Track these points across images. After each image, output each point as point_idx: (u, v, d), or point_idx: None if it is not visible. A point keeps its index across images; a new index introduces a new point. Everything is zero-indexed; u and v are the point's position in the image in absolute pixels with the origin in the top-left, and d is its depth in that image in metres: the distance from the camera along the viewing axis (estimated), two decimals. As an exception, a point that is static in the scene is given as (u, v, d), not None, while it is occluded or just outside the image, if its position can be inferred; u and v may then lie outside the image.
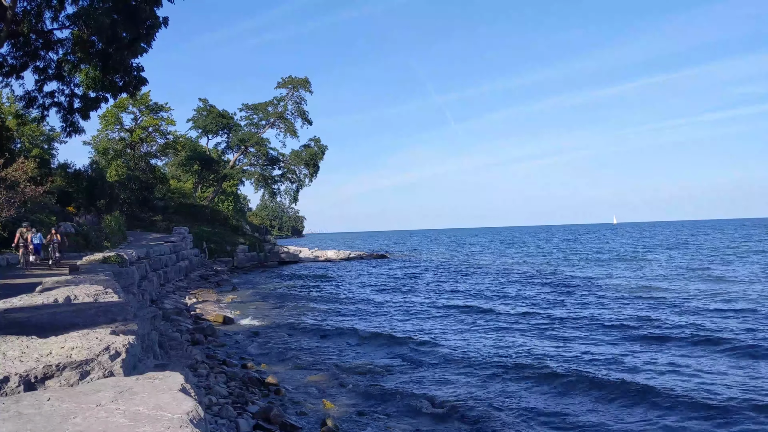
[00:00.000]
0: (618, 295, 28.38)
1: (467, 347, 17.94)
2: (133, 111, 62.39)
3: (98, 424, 3.15)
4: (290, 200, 78.39)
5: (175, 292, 31.77)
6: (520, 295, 30.34)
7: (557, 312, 23.92)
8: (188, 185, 75.48)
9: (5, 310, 7.44)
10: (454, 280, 40.04)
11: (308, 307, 28.76)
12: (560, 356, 16.23)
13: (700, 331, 18.61)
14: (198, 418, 3.32)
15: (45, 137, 57.01)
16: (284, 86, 73.71)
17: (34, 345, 4.90)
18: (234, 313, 26.05)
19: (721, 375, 13.77)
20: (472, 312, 25.08)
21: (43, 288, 9.89)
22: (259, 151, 73.86)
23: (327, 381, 14.45)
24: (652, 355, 15.98)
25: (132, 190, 55.16)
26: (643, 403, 11.96)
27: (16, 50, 21.70)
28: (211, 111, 73.40)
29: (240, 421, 10.27)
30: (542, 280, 37.92)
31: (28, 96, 22.80)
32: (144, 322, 8.05)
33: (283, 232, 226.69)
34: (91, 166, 51.47)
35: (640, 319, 21.32)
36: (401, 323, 23.16)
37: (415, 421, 11.51)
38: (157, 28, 20.58)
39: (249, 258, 58.40)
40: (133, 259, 22.79)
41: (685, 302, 25.17)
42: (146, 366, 5.83)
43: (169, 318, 21.48)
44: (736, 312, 22.02)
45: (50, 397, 3.67)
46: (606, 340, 18.30)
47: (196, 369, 13.63)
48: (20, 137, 46.05)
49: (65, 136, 23.88)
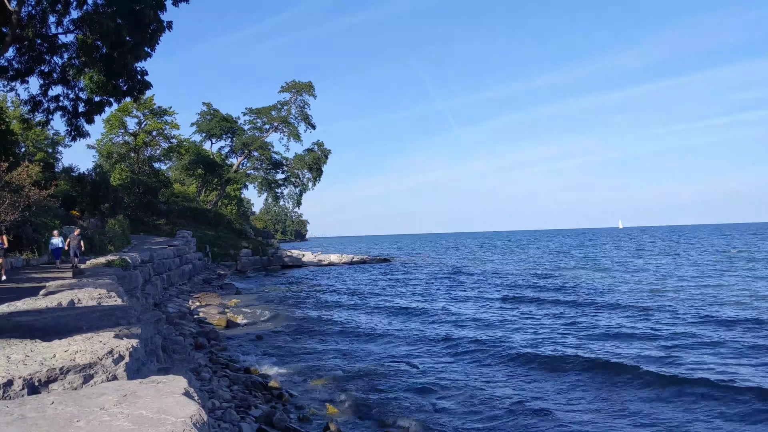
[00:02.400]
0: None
1: (473, 349, 17.90)
2: (137, 115, 62.58)
3: (102, 427, 3.15)
4: (293, 204, 78.53)
5: (178, 295, 31.79)
6: (520, 302, 30.27)
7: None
8: (192, 189, 75.65)
9: (9, 314, 7.45)
10: (455, 285, 39.99)
11: (311, 311, 28.73)
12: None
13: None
14: (201, 421, 3.31)
15: (49, 141, 57.26)
16: (288, 90, 73.88)
17: (38, 348, 4.90)
18: (237, 317, 26.04)
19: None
20: (478, 316, 25.02)
21: (46, 291, 9.90)
22: (263, 155, 73.99)
23: (330, 385, 14.42)
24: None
25: (136, 193, 55.30)
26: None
27: (21, 55, 21.79)
28: (214, 115, 73.59)
29: (243, 425, 10.25)
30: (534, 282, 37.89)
31: (32, 100, 22.85)
32: (147, 326, 8.04)
33: (287, 236, 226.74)
34: (95, 170, 51.58)
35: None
36: (405, 328, 23.10)
37: (419, 424, 11.46)
38: (161, 32, 20.62)
39: (252, 262, 58.41)
40: (136, 263, 22.81)
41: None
42: (150, 370, 5.83)
43: (172, 322, 21.49)
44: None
45: (54, 400, 3.67)
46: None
47: (200, 373, 13.62)
48: (25, 141, 46.24)
49: (70, 140, 23.91)
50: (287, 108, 74.00)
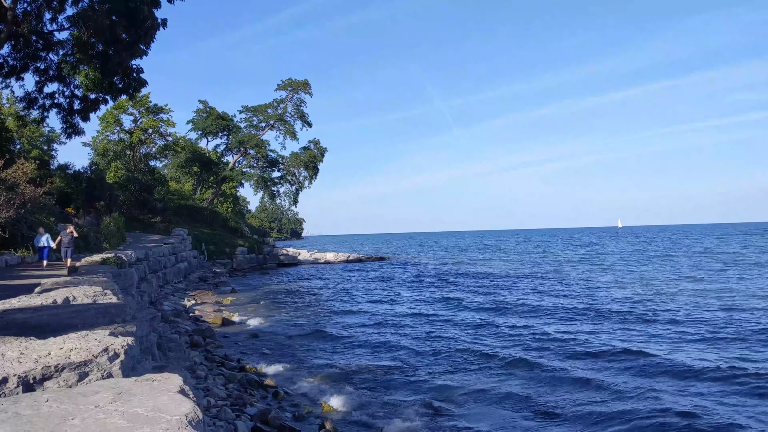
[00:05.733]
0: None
1: (472, 348, 17.94)
2: (132, 112, 62.29)
3: (96, 425, 3.15)
4: (290, 202, 78.35)
5: (174, 293, 31.73)
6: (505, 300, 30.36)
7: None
8: (187, 187, 75.40)
9: (4, 311, 7.43)
10: (447, 283, 40.08)
11: (307, 309, 28.74)
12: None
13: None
14: (196, 419, 3.32)
15: (45, 138, 56.97)
16: (284, 88, 73.69)
17: (33, 346, 4.90)
18: (233, 315, 26.01)
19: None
20: (474, 316, 25.08)
21: (42, 289, 9.87)
22: (259, 153, 73.77)
23: (326, 383, 14.44)
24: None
25: (131, 191, 55.07)
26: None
27: (16, 51, 21.71)
28: (210, 113, 73.33)
29: (238, 423, 10.25)
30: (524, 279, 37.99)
31: (28, 97, 22.80)
32: (143, 324, 8.04)
33: (283, 234, 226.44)
34: (90, 168, 51.37)
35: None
36: (400, 325, 23.13)
37: (413, 423, 11.50)
38: (156, 30, 20.60)
39: (248, 260, 58.34)
40: (132, 261, 22.76)
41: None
42: (145, 368, 5.82)
43: (168, 320, 21.46)
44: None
45: (49, 398, 3.67)
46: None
47: (195, 371, 13.62)
48: (20, 138, 46.05)
49: (65, 137, 23.90)
50: (283, 106, 73.79)
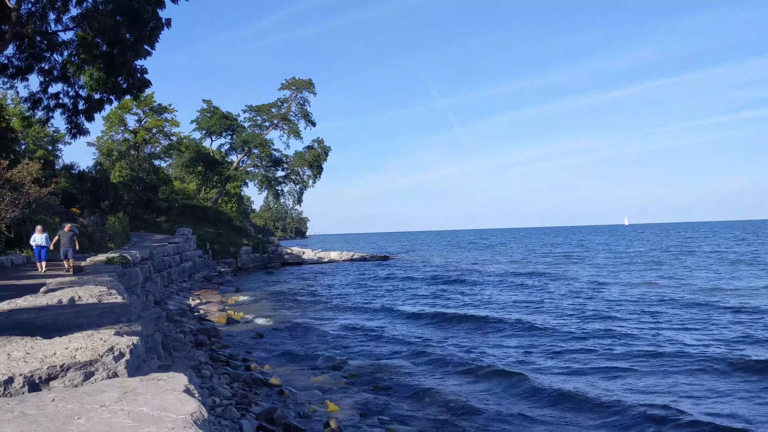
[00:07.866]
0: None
1: (470, 349, 17.92)
2: (137, 112, 62.48)
3: (102, 424, 3.15)
4: (294, 201, 78.41)
5: (178, 293, 31.81)
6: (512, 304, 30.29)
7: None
8: (192, 186, 75.55)
9: (10, 311, 7.45)
10: (452, 284, 40.02)
11: (311, 308, 28.76)
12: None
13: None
14: (201, 419, 3.31)
15: (49, 138, 57.28)
16: (288, 88, 73.71)
17: (39, 346, 4.90)
18: (237, 315, 26.05)
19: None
20: (477, 320, 25.05)
21: (47, 289, 9.90)
22: (263, 152, 73.84)
23: (331, 382, 14.43)
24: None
25: (136, 191, 55.21)
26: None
27: (21, 52, 21.73)
28: (214, 112, 73.43)
29: (243, 422, 10.26)
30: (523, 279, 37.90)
31: (33, 98, 22.80)
32: (148, 324, 8.05)
33: (287, 233, 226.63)
34: (95, 168, 51.58)
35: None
36: (404, 325, 23.12)
37: (419, 422, 11.49)
38: (160, 30, 20.56)
39: (252, 259, 58.43)
40: (136, 260, 22.79)
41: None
42: (150, 367, 5.83)
43: (172, 319, 21.50)
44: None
45: (54, 397, 3.67)
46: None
47: (200, 370, 13.64)
48: (25, 139, 46.24)
49: (70, 137, 23.89)
50: (287, 105, 73.84)
